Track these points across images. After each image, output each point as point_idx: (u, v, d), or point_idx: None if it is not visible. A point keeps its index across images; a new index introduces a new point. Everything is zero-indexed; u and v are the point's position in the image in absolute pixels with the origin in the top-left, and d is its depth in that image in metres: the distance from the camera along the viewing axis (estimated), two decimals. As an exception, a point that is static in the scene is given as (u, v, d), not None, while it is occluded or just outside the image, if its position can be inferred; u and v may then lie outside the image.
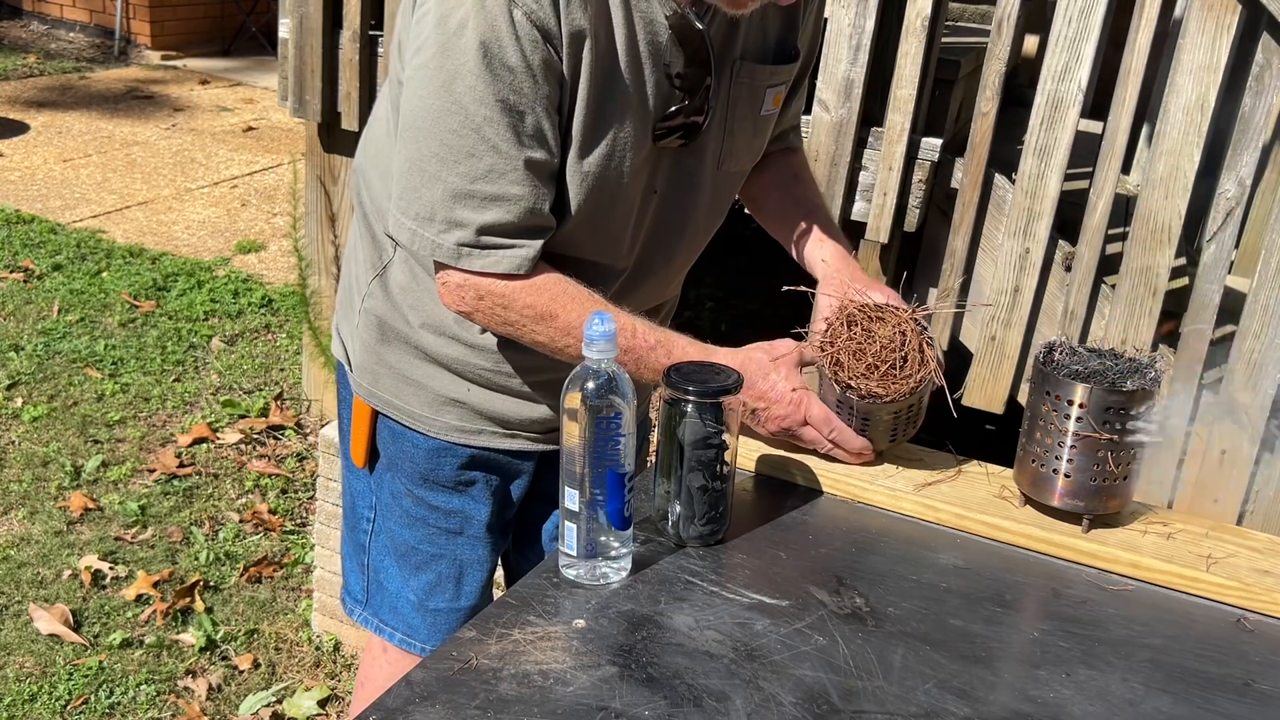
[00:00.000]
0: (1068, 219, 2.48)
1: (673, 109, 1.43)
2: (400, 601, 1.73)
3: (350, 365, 1.68)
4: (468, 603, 1.72)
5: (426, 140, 1.34)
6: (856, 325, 1.42)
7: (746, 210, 1.82)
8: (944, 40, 2.71)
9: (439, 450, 1.62)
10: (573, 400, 1.18)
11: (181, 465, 3.43)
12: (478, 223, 1.35)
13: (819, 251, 1.66)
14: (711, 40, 1.41)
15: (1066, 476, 1.36)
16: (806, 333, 1.50)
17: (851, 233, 2.70)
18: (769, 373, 1.43)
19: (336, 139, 3.30)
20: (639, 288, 1.58)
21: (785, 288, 1.60)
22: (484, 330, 1.53)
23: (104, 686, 2.58)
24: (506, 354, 1.55)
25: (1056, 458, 1.36)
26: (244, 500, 3.32)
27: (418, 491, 1.66)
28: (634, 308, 1.50)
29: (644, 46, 1.38)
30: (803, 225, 1.69)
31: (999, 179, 2.50)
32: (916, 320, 1.42)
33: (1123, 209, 2.49)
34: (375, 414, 1.66)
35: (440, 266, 1.41)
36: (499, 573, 1.87)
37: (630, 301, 1.52)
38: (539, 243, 1.39)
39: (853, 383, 1.39)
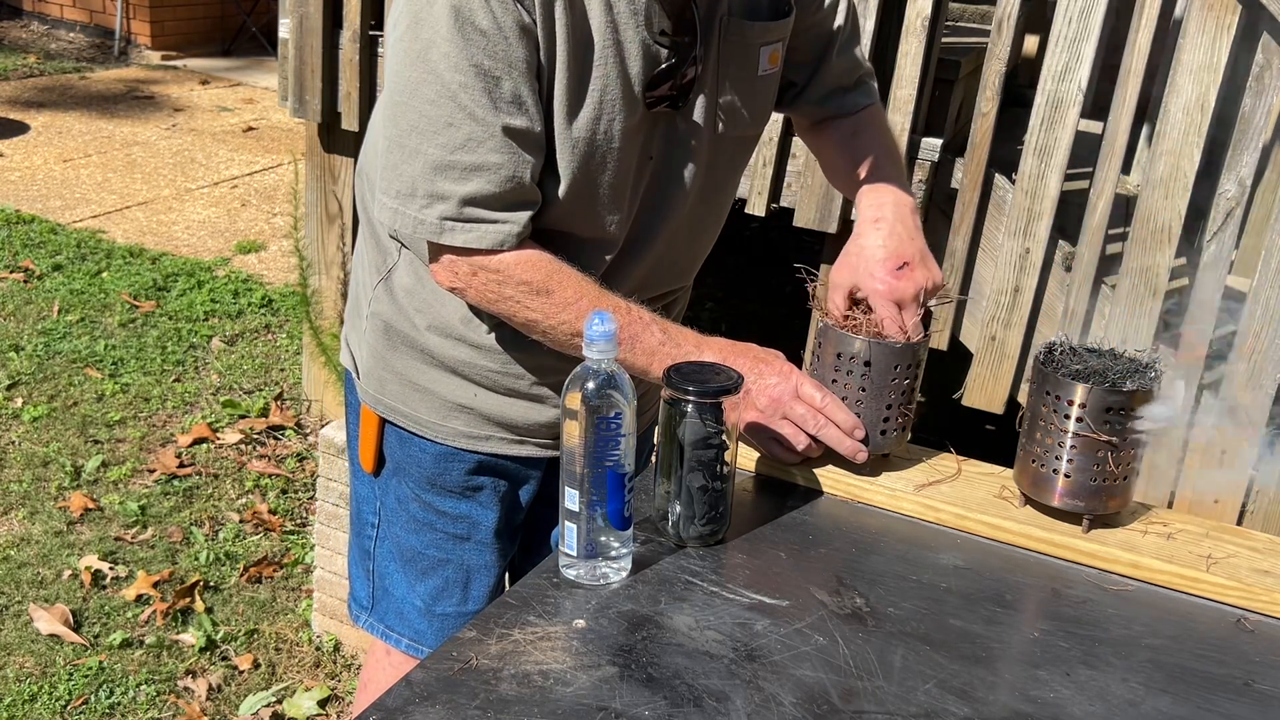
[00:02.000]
0: (1068, 219, 2.48)
1: (661, 69, 1.40)
2: (406, 607, 1.72)
3: (358, 373, 1.67)
4: (475, 608, 1.70)
5: (405, 113, 1.33)
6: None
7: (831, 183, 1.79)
8: (944, 40, 2.71)
9: (446, 455, 1.61)
10: (573, 400, 1.18)
11: (181, 465, 3.43)
12: (460, 194, 1.33)
13: (861, 209, 1.58)
14: (697, 4, 1.38)
15: (1066, 476, 1.36)
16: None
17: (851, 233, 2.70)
18: (765, 355, 1.43)
19: (336, 139, 3.30)
20: (635, 266, 1.54)
21: (796, 264, 1.59)
22: (490, 331, 1.53)
23: (104, 686, 2.58)
24: (513, 354, 1.54)
25: (1056, 458, 1.36)
26: (244, 500, 3.32)
27: (425, 497, 1.65)
28: (637, 294, 1.47)
29: (623, 4, 1.35)
30: (852, 181, 1.63)
31: (999, 179, 2.50)
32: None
33: (1123, 209, 2.49)
34: (383, 421, 1.65)
35: (429, 245, 1.40)
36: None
37: (628, 283, 1.50)
38: (525, 216, 1.37)
39: (856, 323, 1.42)
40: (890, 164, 1.63)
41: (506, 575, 1.83)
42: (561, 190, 1.41)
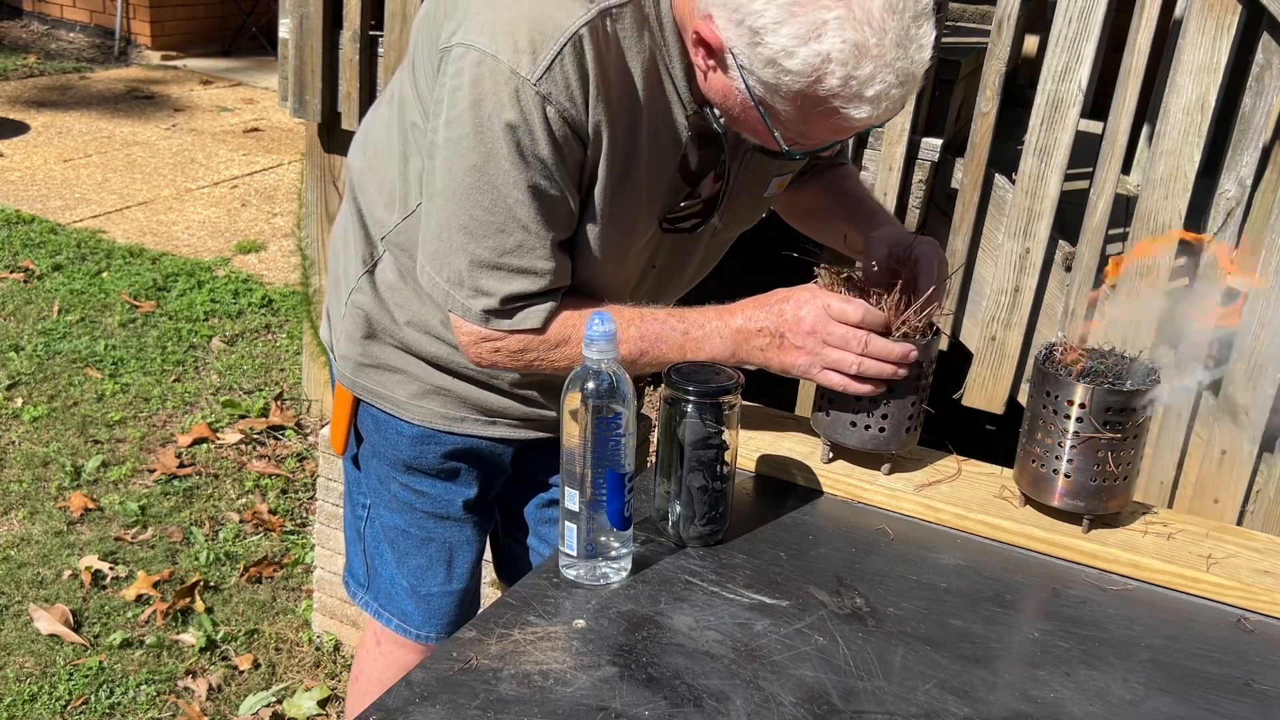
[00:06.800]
0: (1068, 219, 2.48)
1: (681, 203, 1.48)
2: (395, 588, 1.77)
3: (334, 353, 1.70)
4: (459, 585, 1.76)
5: (456, 212, 1.37)
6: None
7: (797, 228, 1.84)
8: (944, 40, 2.71)
9: (423, 437, 1.65)
10: (573, 400, 1.18)
11: (181, 465, 3.43)
12: (503, 293, 1.39)
13: (864, 229, 1.63)
14: (726, 139, 1.43)
15: (1066, 476, 1.36)
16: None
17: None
18: (788, 294, 1.43)
19: (337, 139, 3.30)
20: None
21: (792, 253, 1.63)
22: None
23: (104, 687, 2.58)
24: None
25: (1056, 458, 1.36)
26: (244, 500, 3.32)
27: (402, 478, 1.69)
28: None
29: (664, 145, 1.41)
30: (846, 213, 1.70)
31: (999, 179, 2.50)
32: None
33: (1123, 209, 2.49)
34: (357, 401, 1.69)
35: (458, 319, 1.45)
36: (488, 555, 1.91)
37: None
38: (557, 298, 1.43)
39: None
40: (872, 206, 1.71)
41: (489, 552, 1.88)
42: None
